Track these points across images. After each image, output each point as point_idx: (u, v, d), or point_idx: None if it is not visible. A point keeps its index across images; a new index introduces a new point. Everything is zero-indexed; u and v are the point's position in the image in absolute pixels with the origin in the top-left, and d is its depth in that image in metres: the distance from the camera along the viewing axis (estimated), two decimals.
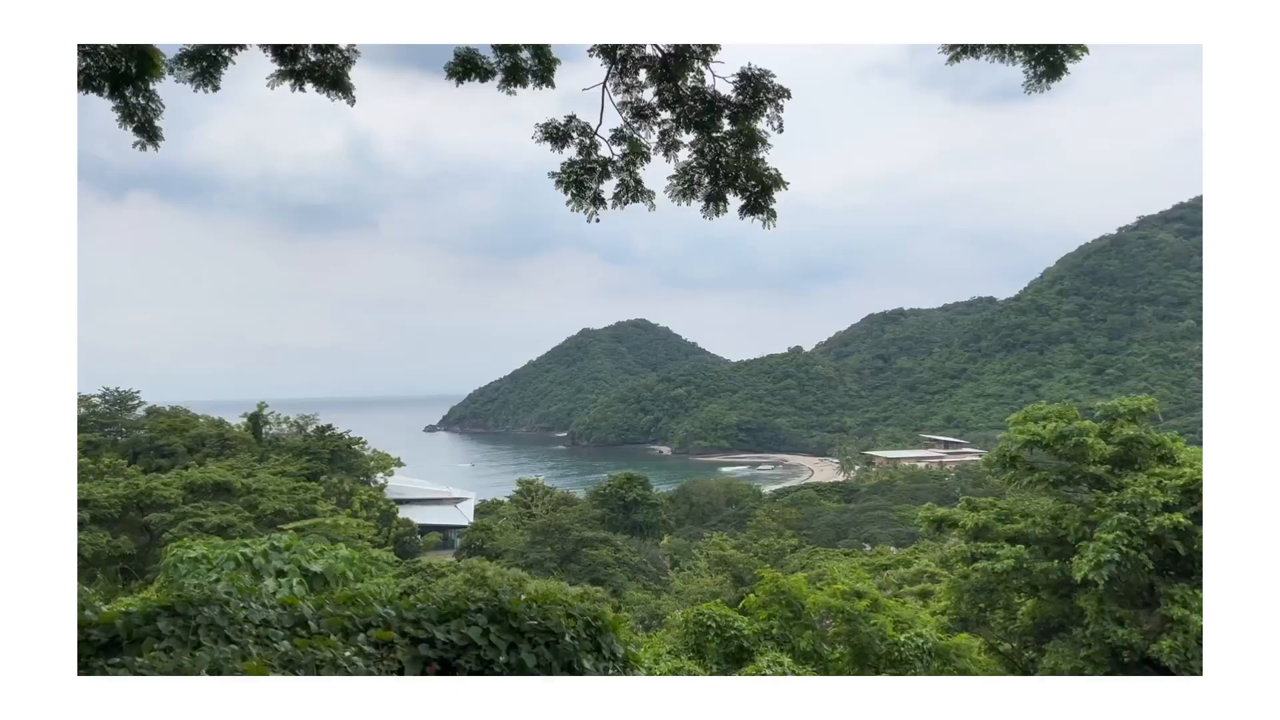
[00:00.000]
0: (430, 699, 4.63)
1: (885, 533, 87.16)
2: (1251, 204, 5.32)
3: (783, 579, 17.08)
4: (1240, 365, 5.26)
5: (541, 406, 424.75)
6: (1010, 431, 21.87)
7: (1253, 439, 5.17)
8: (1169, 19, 5.69)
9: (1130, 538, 17.96)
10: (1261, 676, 4.88)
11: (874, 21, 6.34)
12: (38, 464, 4.75)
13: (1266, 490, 5.07)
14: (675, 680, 5.38)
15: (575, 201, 9.51)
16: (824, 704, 4.99)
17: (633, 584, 66.98)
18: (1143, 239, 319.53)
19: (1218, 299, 5.42)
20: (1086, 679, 9.09)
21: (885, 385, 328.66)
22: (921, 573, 36.94)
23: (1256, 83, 5.31)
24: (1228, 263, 5.36)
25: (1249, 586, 5.05)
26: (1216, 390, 5.38)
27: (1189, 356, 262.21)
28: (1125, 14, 5.86)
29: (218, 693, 4.29)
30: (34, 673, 4.24)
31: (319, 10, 6.44)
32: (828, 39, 6.32)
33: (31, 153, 5.06)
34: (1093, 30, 6.01)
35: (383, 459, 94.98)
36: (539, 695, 4.76)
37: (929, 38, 6.82)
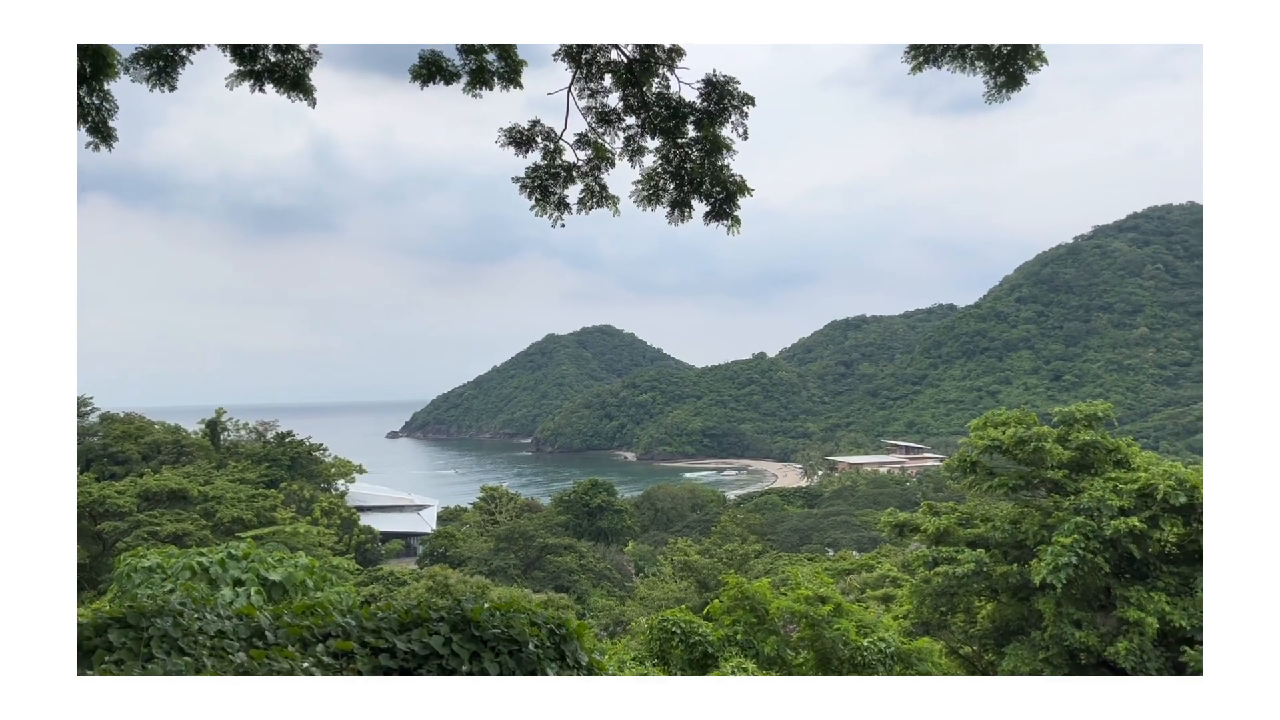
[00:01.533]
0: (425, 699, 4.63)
1: (848, 538, 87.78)
2: (1251, 203, 5.32)
3: (747, 584, 17.11)
4: (1240, 364, 5.26)
5: (506, 412, 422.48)
6: (970, 437, 22.16)
7: (1252, 440, 5.17)
8: (1169, 19, 5.71)
9: (1087, 541, 18.25)
10: (1261, 676, 4.89)
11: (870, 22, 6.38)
12: (37, 466, 4.77)
13: (1266, 491, 5.08)
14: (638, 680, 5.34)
15: (540, 206, 9.46)
16: (783, 704, 4.99)
17: (597, 590, 66.76)
18: (1098, 248, 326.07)
19: (1218, 298, 5.42)
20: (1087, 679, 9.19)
21: (848, 391, 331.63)
22: (884, 577, 37.25)
23: (1256, 83, 5.32)
24: (1228, 262, 5.36)
25: (1249, 586, 5.06)
26: (1217, 391, 5.37)
27: (1142, 363, 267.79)
28: (1125, 14, 5.88)
29: (217, 693, 4.30)
30: (34, 673, 4.26)
31: (279, 10, 6.34)
32: (800, 40, 6.34)
33: (31, 152, 5.06)
34: (1093, 30, 6.02)
35: (344, 466, 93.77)
36: (509, 695, 4.73)
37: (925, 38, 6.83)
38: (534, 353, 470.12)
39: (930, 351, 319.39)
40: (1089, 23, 5.96)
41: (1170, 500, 18.16)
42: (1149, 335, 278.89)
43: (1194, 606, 17.46)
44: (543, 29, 6.78)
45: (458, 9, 6.52)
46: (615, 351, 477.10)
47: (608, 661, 15.64)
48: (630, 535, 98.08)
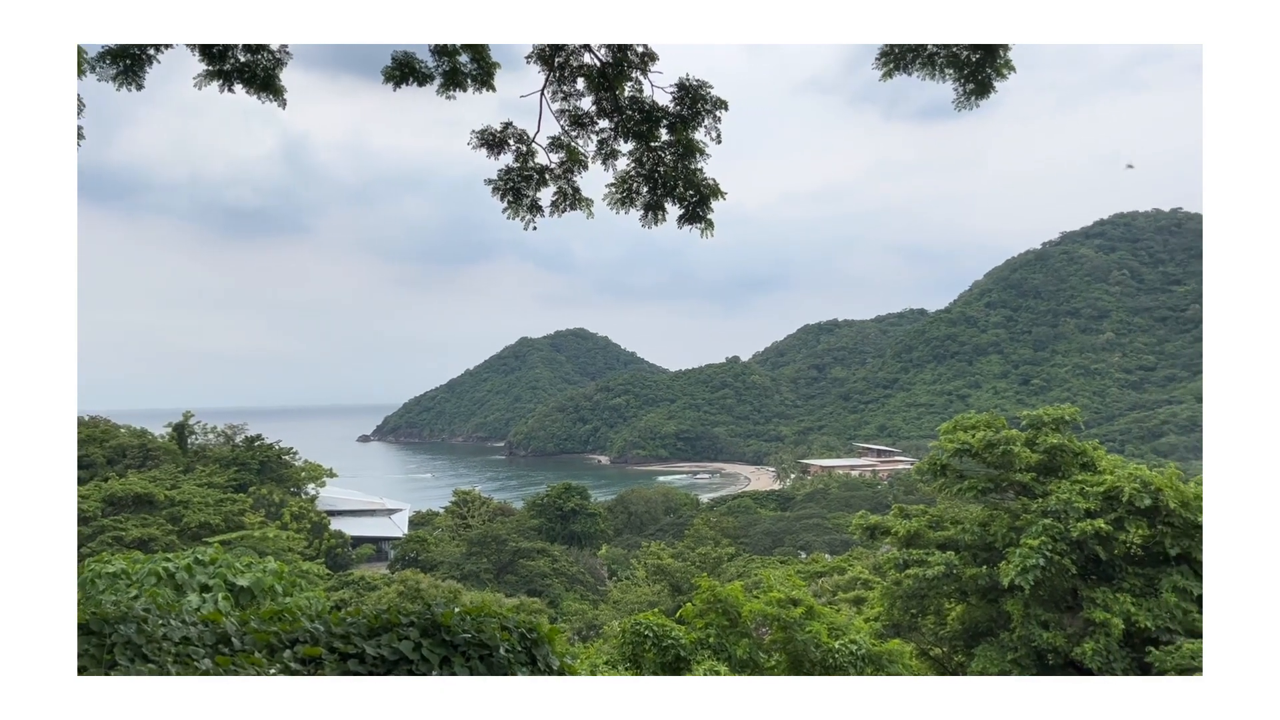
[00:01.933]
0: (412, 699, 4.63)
1: (820, 540, 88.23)
2: (1251, 204, 5.33)
3: (719, 587, 17.14)
4: (1240, 365, 5.27)
5: (479, 416, 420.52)
6: (941, 440, 22.36)
7: (1252, 440, 5.18)
8: (1169, 19, 5.71)
9: (1054, 543, 18.48)
10: (1261, 676, 4.90)
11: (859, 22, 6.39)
12: (37, 467, 4.79)
13: (1266, 491, 5.10)
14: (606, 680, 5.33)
15: (512, 209, 9.44)
16: (752, 703, 4.99)
17: (570, 594, 66.57)
18: (1065, 254, 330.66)
19: (1218, 298, 5.42)
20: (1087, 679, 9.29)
21: (820, 395, 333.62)
22: (855, 579, 37.49)
23: (1256, 83, 5.33)
24: (1228, 262, 5.37)
25: (1249, 587, 5.07)
26: (1217, 391, 5.38)
27: (1108, 368, 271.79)
28: (1126, 14, 5.89)
29: (217, 693, 4.32)
30: (34, 673, 4.27)
31: (247, 9, 6.27)
32: (773, 40, 6.37)
33: (31, 152, 5.07)
34: (1094, 30, 6.02)
35: (314, 470, 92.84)
36: (480, 695, 4.70)
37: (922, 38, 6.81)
38: (507, 356, 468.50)
39: (901, 355, 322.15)
40: (1089, 23, 5.96)
41: (1135, 502, 18.43)
42: (1115, 340, 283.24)
43: (1158, 607, 17.73)
44: (514, 29, 6.76)
45: (428, 9, 6.48)
46: (589, 355, 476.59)
47: (580, 665, 15.59)
48: (603, 539, 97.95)
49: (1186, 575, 18.03)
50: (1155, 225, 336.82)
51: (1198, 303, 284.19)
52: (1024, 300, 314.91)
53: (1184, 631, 17.47)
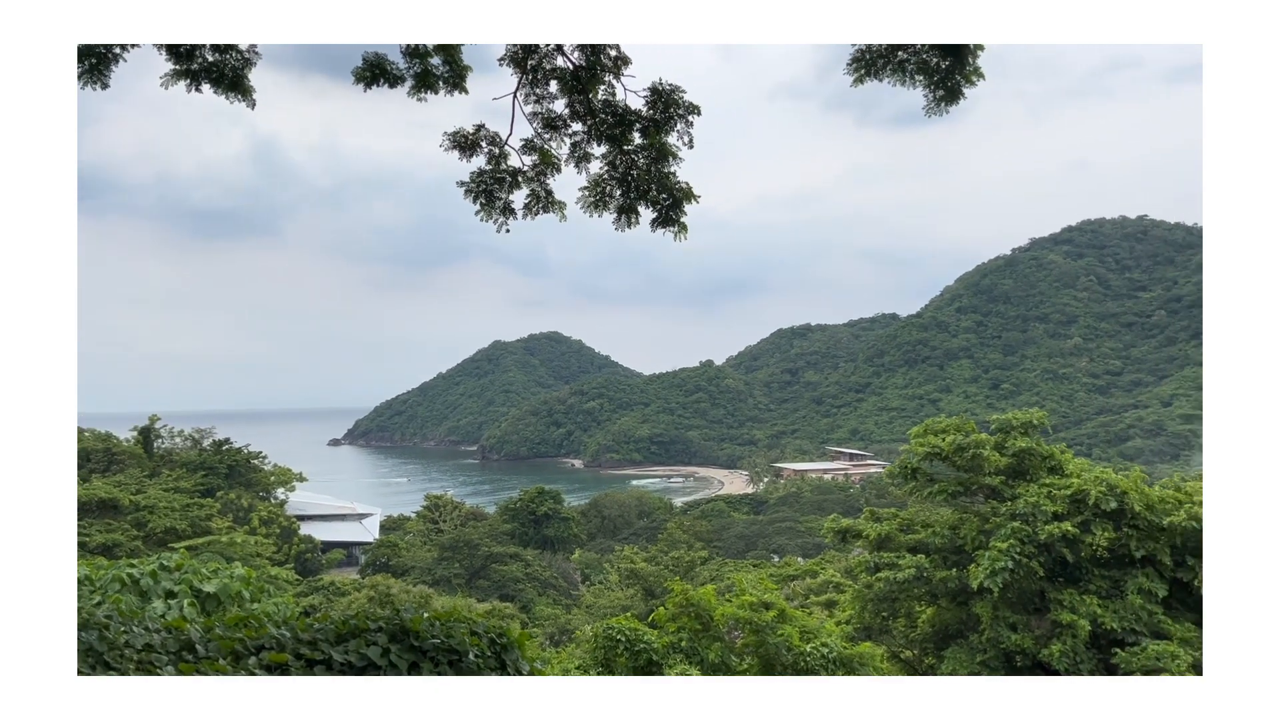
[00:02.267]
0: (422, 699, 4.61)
1: (793, 544, 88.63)
2: (1251, 205, 5.33)
3: (692, 591, 17.15)
4: (1240, 367, 5.27)
5: (451, 419, 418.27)
6: (911, 444, 22.54)
7: (1252, 441, 5.19)
8: (1169, 19, 5.71)
9: (1023, 546, 18.68)
10: (1261, 676, 4.90)
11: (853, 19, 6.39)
12: (37, 468, 4.82)
13: (1265, 492, 5.10)
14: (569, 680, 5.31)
15: (484, 211, 9.41)
16: (719, 703, 4.99)
17: (543, 599, 66.33)
18: (1034, 260, 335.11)
19: (1218, 298, 5.42)
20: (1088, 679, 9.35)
21: (793, 399, 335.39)
22: (827, 583, 37.67)
23: (1256, 83, 5.32)
24: (1228, 262, 5.37)
25: (1249, 587, 5.07)
26: (1217, 392, 5.39)
27: (1075, 372, 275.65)
28: (1126, 14, 5.88)
29: (217, 692, 4.32)
30: (34, 673, 4.28)
31: (215, 9, 6.20)
32: (749, 40, 6.37)
33: (31, 153, 5.08)
34: (1094, 30, 6.01)
35: (284, 474, 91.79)
36: (446, 695, 4.67)
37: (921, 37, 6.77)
38: (480, 359, 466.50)
39: (873, 360, 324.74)
40: (1089, 23, 5.96)
41: (1101, 505, 18.68)
42: (1082, 345, 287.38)
43: (1124, 609, 17.97)
44: (485, 29, 6.73)
45: (399, 9, 6.44)
46: (563, 358, 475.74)
47: (551, 670, 15.55)
48: (577, 543, 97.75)
49: (1151, 577, 18.30)
50: (1122, 232, 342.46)
51: (1163, 309, 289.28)
52: (994, 305, 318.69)
53: (1149, 633, 17.72)
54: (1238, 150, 5.39)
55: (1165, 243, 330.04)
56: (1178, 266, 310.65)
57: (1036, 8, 6.01)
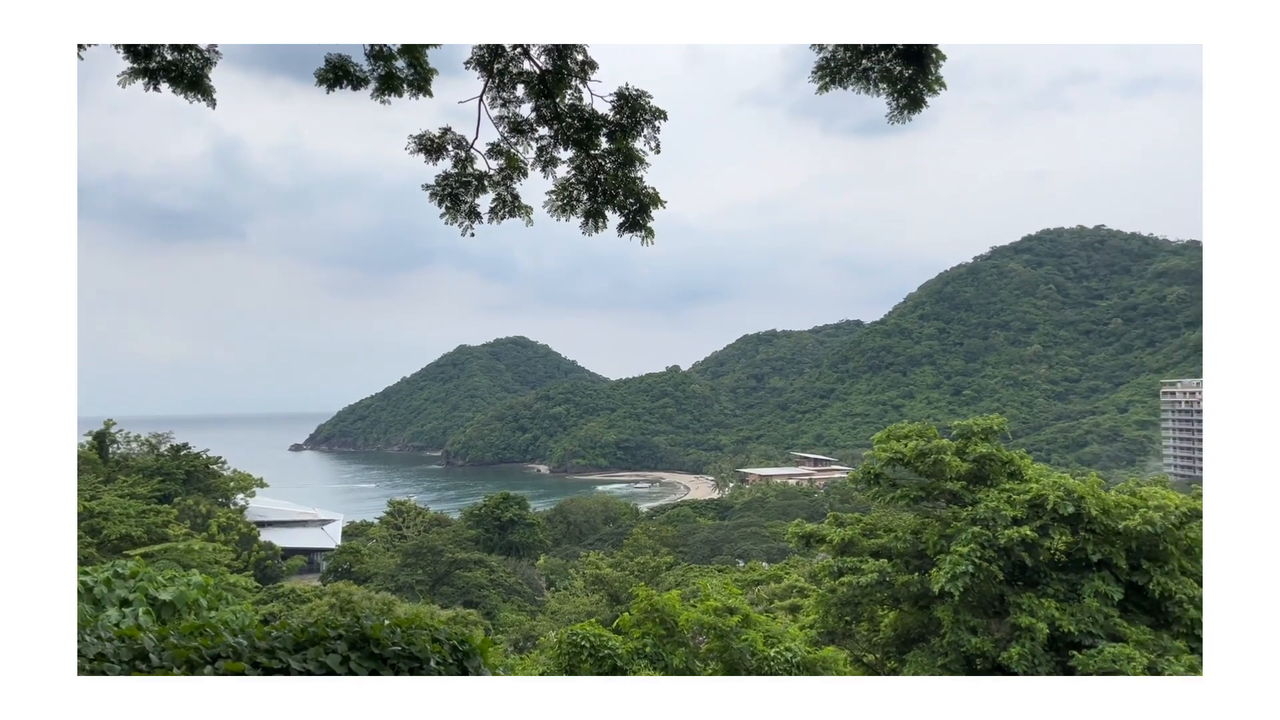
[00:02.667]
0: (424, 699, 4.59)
1: (758, 549, 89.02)
2: (1251, 205, 5.33)
3: (657, 597, 17.14)
4: (1240, 365, 5.27)
5: (415, 424, 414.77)
6: (875, 449, 22.76)
7: (1252, 442, 5.19)
8: (1169, 19, 5.72)
9: (983, 550, 18.92)
10: (1261, 676, 4.91)
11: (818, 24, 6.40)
12: (36, 469, 4.84)
13: (1265, 492, 5.11)
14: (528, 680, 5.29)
15: (450, 215, 9.35)
16: (680, 703, 4.98)
17: (507, 605, 65.94)
18: (995, 268, 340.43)
19: (1218, 297, 5.43)
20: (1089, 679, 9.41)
21: (759, 404, 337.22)
22: (791, 587, 37.88)
23: (1256, 83, 5.33)
24: (1228, 261, 5.37)
25: (1249, 587, 5.08)
26: (1217, 392, 5.39)
27: (1035, 379, 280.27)
28: (1126, 14, 5.89)
29: (218, 692, 4.32)
30: (34, 673, 4.30)
31: (173, 7, 6.10)
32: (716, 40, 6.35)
33: (31, 152, 5.12)
34: (1095, 30, 6.02)
35: (244, 479, 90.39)
36: (408, 696, 4.63)
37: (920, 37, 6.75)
38: (445, 364, 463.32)
39: (838, 366, 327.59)
40: (1090, 23, 5.97)
41: (1059, 510, 18.99)
42: (1042, 352, 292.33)
43: (1081, 612, 18.26)
44: (450, 29, 6.70)
45: (361, 9, 6.38)
46: (529, 363, 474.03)
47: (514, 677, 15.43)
48: (542, 549, 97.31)
49: (1107, 580, 18.62)
50: (1080, 241, 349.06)
51: (1119, 317, 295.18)
52: (956, 313, 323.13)
53: (1105, 636, 18.02)
54: (1237, 151, 5.40)
55: (1121, 252, 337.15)
56: (1134, 275, 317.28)
57: (1037, 8, 6.03)
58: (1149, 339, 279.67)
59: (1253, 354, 5.29)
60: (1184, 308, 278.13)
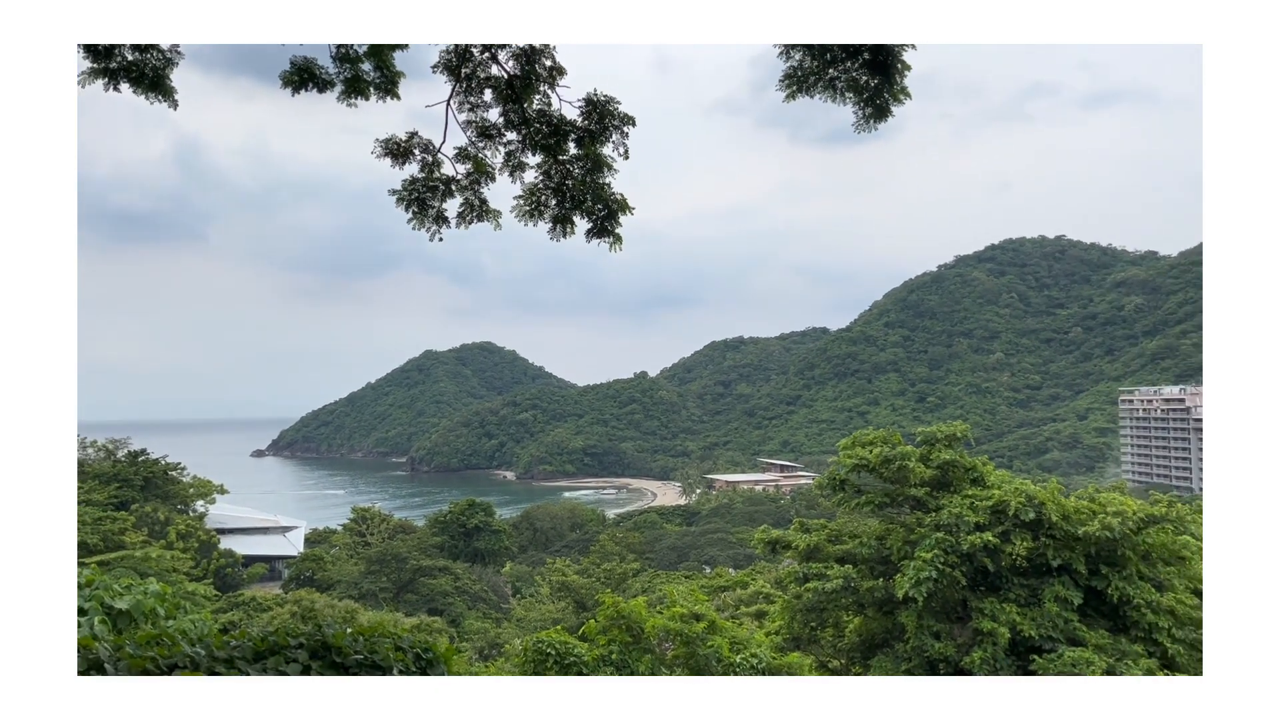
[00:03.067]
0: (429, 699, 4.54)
1: (724, 555, 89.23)
2: (1250, 205, 5.36)
3: (623, 603, 17.10)
4: (1240, 365, 5.30)
5: (380, 430, 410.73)
6: (840, 456, 22.91)
7: (1252, 442, 5.23)
8: (1169, 19, 5.75)
9: (946, 556, 19.12)
10: (1261, 676, 4.94)
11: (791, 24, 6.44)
12: (36, 470, 4.89)
13: (1265, 493, 5.15)
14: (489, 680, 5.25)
15: (417, 219, 9.28)
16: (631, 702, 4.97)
17: (472, 613, 65.46)
18: (959, 276, 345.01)
19: (1218, 295, 5.45)
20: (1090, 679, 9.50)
21: (726, 410, 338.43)
22: (757, 594, 37.98)
23: (1256, 83, 5.36)
24: (1228, 260, 5.40)
25: (1249, 587, 5.11)
26: (1217, 391, 5.42)
27: (998, 386, 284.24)
28: (1126, 14, 5.91)
29: (218, 692, 4.34)
30: (34, 673, 4.33)
31: (133, 6, 6.00)
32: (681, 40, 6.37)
33: (31, 152, 5.17)
34: (1095, 31, 6.04)
35: (203, 486, 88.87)
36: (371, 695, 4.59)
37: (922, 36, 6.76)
38: (411, 369, 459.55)
39: (804, 373, 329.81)
40: (1090, 23, 5.99)
41: (1021, 516, 19.24)
42: (1004, 360, 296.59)
43: (1041, 617, 18.51)
44: (417, 29, 6.67)
45: (326, 9, 6.32)
46: (496, 369, 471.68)
47: None
48: (508, 556, 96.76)
49: (1067, 585, 18.89)
50: (1041, 251, 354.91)
51: (1079, 325, 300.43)
52: (920, 320, 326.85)
53: (1065, 640, 18.28)
54: (1237, 150, 5.44)
55: (1081, 262, 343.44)
56: (1093, 285, 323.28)
57: (1038, 8, 6.07)
58: (1108, 347, 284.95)
59: (1253, 354, 5.32)
60: (1141, 317, 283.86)
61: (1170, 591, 18.83)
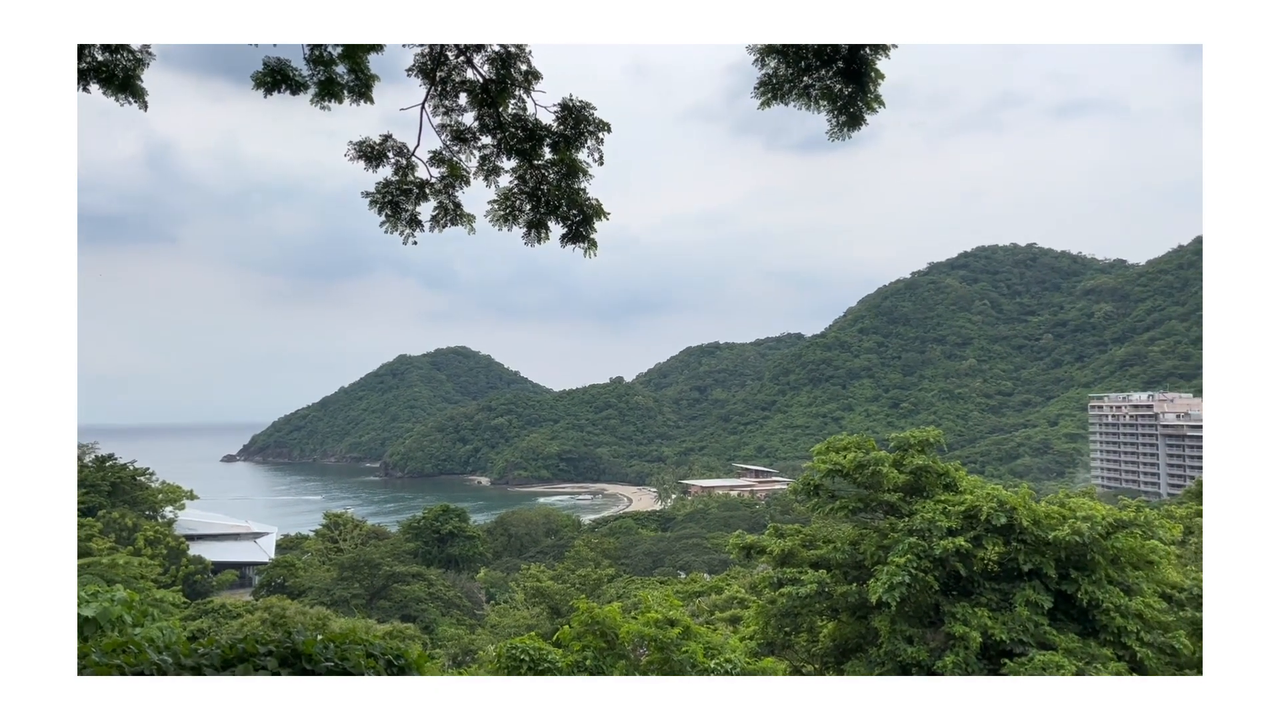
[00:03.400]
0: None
1: (699, 560, 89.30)
2: (1250, 205, 5.37)
3: (598, 609, 17.07)
4: (1240, 365, 5.30)
5: (353, 435, 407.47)
6: (814, 461, 23.00)
7: (1250, 443, 5.23)
8: (1169, 19, 5.77)
9: (919, 560, 19.25)
10: (1261, 676, 4.95)
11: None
12: (38, 468, 4.91)
13: (1265, 493, 5.16)
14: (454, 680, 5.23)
15: (390, 223, 9.23)
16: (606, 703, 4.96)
17: (446, 619, 65.03)
18: (932, 283, 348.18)
19: (1218, 296, 5.46)
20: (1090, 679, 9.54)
21: (701, 416, 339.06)
22: (732, 599, 38.05)
23: (1256, 83, 5.37)
24: (1228, 259, 5.42)
25: (1249, 587, 5.12)
26: (1217, 391, 5.42)
27: (970, 392, 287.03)
28: (1127, 14, 5.93)
29: (218, 692, 4.34)
30: (34, 673, 4.35)
31: (105, 6, 5.92)
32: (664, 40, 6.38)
33: (31, 152, 5.19)
34: (1095, 30, 6.05)
35: (172, 491, 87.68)
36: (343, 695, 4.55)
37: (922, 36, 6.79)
38: (385, 374, 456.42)
39: (779, 378, 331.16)
40: (1091, 23, 6.01)
41: (992, 521, 19.42)
42: (976, 366, 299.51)
43: (1012, 621, 18.69)
44: (392, 29, 6.66)
45: (299, 10, 6.27)
46: (471, 374, 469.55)
47: None
48: (482, 562, 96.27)
49: (1038, 589, 19.08)
50: (1013, 259, 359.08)
51: (1050, 332, 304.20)
52: (894, 327, 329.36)
53: (1035, 644, 18.46)
54: (1237, 150, 5.46)
55: (1052, 269, 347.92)
56: (1063, 292, 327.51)
57: (1039, 9, 6.09)
58: (1078, 354, 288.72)
59: (1253, 353, 5.33)
60: (1110, 324, 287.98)
61: (1138, 595, 19.07)
